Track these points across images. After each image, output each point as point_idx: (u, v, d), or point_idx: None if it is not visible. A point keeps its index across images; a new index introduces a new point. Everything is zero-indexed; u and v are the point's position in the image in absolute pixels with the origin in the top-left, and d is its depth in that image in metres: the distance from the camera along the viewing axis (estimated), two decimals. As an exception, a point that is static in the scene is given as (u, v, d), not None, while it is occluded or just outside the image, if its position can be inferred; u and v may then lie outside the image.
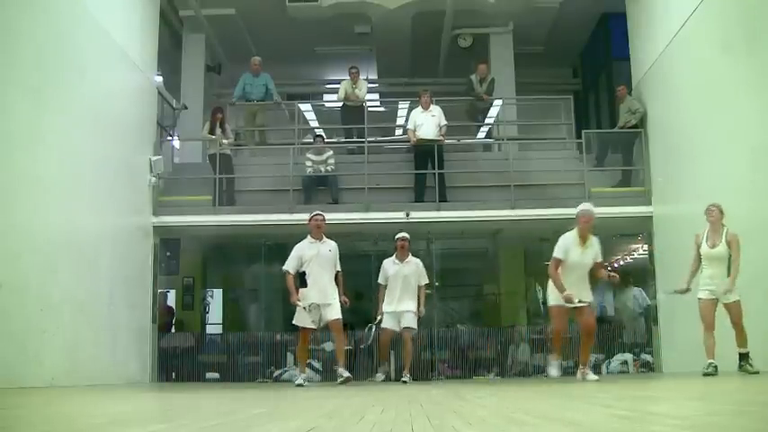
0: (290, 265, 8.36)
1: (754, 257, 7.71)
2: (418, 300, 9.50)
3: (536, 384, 7.88)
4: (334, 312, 8.27)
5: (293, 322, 8.37)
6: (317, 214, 8.60)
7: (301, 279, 8.29)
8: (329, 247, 8.50)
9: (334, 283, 8.46)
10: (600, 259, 7.93)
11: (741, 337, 7.39)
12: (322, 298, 8.28)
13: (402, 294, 9.46)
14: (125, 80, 10.66)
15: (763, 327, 7.48)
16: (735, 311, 7.39)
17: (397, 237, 9.66)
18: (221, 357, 12.31)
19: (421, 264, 9.74)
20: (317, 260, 8.36)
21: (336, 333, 8.56)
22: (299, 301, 8.16)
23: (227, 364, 12.16)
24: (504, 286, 14.23)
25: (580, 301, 7.71)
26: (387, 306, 9.49)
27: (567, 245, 7.78)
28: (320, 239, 8.49)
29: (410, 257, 9.66)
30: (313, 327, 8.33)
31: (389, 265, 9.60)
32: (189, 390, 8.20)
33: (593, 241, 7.87)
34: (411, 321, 9.45)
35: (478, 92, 12.86)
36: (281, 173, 11.97)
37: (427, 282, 9.81)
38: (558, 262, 7.74)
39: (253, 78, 12.86)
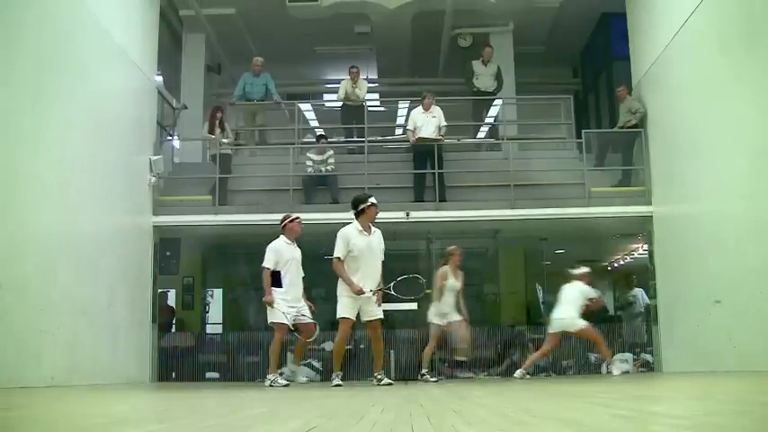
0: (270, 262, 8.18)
1: (753, 257, 7.71)
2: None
3: (536, 384, 7.87)
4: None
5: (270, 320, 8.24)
6: (296, 217, 8.51)
7: (276, 279, 8.18)
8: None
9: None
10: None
11: None
12: (295, 301, 8.27)
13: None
14: (125, 80, 10.65)
15: (763, 326, 7.49)
16: None
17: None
18: (221, 357, 12.30)
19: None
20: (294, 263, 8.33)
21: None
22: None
23: (227, 364, 12.15)
24: (504, 286, 14.22)
25: None
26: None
27: None
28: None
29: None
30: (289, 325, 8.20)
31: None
32: (189, 389, 8.19)
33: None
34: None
35: (486, 85, 12.87)
36: (281, 172, 11.97)
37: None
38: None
39: (253, 78, 12.87)
